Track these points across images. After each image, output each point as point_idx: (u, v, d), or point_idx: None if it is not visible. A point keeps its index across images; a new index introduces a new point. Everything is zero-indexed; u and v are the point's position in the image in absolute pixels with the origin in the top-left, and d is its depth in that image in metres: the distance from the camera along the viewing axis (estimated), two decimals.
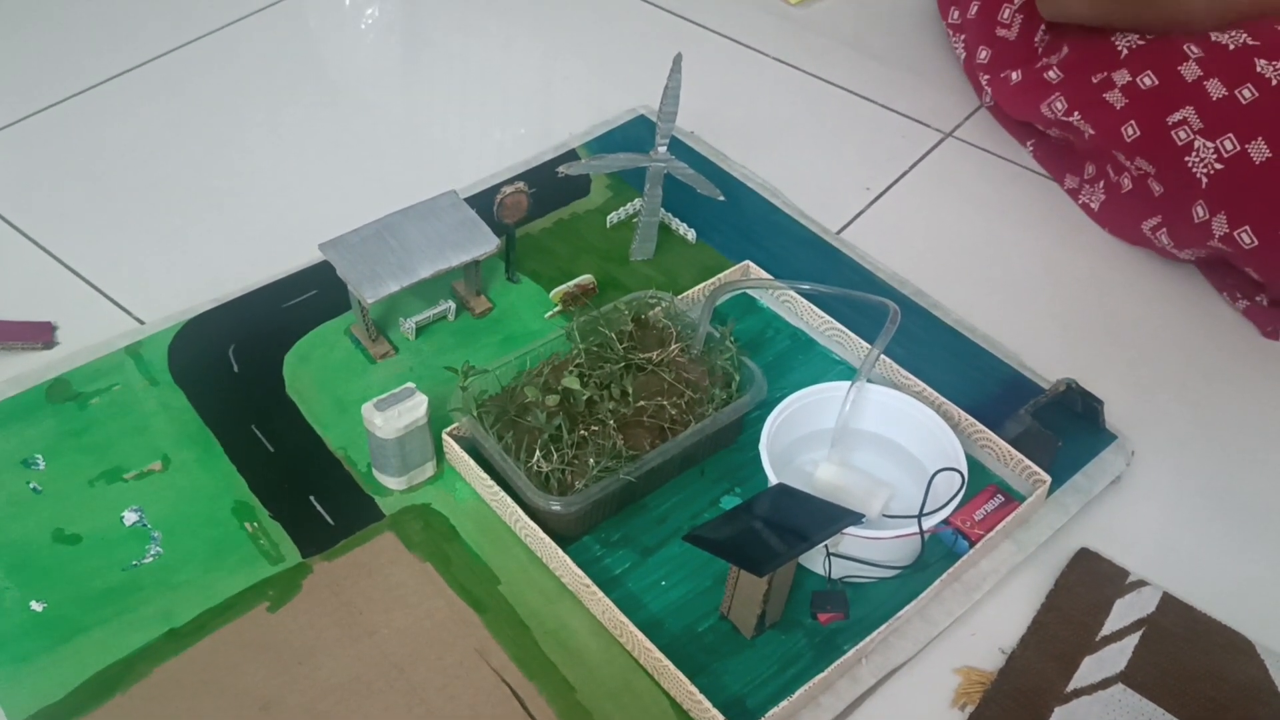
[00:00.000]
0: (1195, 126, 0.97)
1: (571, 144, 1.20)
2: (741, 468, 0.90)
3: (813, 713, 0.76)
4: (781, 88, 1.29)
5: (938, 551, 0.83)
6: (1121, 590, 0.83)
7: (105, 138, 1.21)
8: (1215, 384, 1.00)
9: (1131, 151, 1.03)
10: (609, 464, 0.82)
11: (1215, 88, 0.97)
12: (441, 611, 0.80)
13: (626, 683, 0.77)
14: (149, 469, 0.88)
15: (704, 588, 0.82)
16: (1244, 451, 0.94)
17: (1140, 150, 1.02)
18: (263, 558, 0.83)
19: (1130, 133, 1.02)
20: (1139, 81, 1.02)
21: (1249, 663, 0.79)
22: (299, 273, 1.04)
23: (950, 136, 1.25)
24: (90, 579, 0.81)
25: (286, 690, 0.76)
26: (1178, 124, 0.98)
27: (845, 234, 1.12)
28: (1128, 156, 1.04)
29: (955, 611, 0.82)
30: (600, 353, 0.90)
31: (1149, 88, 1.01)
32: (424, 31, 1.37)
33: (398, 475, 0.87)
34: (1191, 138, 0.97)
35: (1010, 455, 0.88)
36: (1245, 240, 0.95)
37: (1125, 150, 1.04)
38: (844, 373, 0.96)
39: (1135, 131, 1.02)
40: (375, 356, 0.97)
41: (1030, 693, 0.78)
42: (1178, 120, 0.98)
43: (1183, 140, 0.98)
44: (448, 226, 0.97)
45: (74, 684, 0.76)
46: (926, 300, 1.04)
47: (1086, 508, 0.89)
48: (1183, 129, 0.98)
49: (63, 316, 1.01)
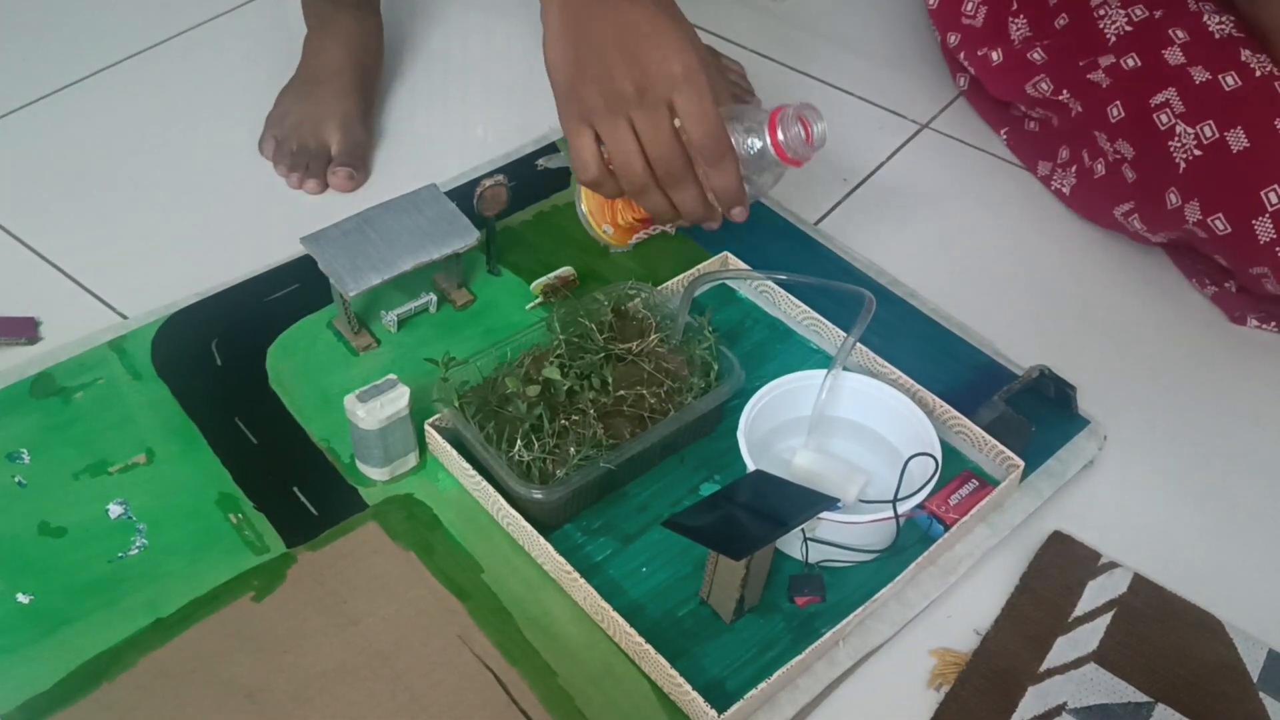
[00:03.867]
0: (1177, 110, 0.98)
1: (551, 137, 1.20)
2: (720, 455, 0.91)
3: (791, 694, 0.77)
4: (760, 81, 1.30)
5: (913, 535, 0.85)
6: (1093, 572, 0.85)
7: (87, 133, 1.21)
8: (1185, 369, 1.01)
9: (1115, 133, 1.04)
10: (589, 453, 0.83)
11: (1199, 73, 0.98)
12: (425, 599, 0.81)
13: (608, 667, 0.78)
14: (133, 462, 0.89)
15: (684, 573, 0.83)
16: (1213, 435, 0.96)
17: (1123, 132, 1.03)
18: (247, 548, 0.84)
19: (1115, 113, 1.03)
20: (1123, 63, 1.03)
21: (1218, 641, 0.81)
22: (281, 266, 1.05)
23: (926, 128, 1.26)
24: (76, 571, 0.82)
25: (272, 678, 0.77)
26: (1160, 106, 0.99)
27: (823, 225, 1.14)
28: (1110, 139, 1.05)
29: (931, 594, 0.83)
30: (580, 343, 0.91)
31: (1132, 69, 1.02)
32: (403, 25, 1.37)
33: (380, 466, 0.88)
34: (1173, 121, 0.98)
35: (985, 441, 0.90)
36: (1219, 226, 0.96)
37: (1109, 131, 1.05)
38: (821, 361, 0.97)
39: (1120, 112, 1.03)
40: (357, 349, 0.98)
41: (1004, 673, 0.79)
42: (1160, 102, 0.99)
43: (1164, 124, 0.99)
44: (428, 220, 0.98)
45: (61, 674, 0.76)
46: (903, 289, 1.05)
47: (1059, 492, 0.90)
48: (1164, 112, 0.99)
49: (46, 312, 1.01)
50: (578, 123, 0.78)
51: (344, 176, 1.13)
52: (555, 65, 0.77)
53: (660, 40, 0.75)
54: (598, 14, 0.75)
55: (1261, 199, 0.93)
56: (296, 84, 1.20)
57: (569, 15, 0.76)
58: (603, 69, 0.75)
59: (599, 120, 0.76)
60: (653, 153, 0.77)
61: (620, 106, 0.76)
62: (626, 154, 0.77)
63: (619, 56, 0.74)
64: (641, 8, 0.75)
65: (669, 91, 0.75)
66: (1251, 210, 0.94)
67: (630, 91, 0.75)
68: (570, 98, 0.77)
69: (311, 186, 1.14)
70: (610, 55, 0.74)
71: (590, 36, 0.75)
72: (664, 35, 0.75)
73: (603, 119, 0.76)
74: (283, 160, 1.15)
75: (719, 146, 0.76)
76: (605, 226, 0.84)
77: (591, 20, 0.75)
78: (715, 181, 0.78)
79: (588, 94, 0.75)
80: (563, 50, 0.76)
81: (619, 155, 0.78)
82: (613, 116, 0.76)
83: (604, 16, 0.75)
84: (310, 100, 1.17)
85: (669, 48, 0.75)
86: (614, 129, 0.77)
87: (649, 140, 0.76)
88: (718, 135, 0.76)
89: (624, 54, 0.74)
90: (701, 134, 0.76)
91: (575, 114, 0.77)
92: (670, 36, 0.75)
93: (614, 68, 0.74)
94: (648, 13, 0.75)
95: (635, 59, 0.74)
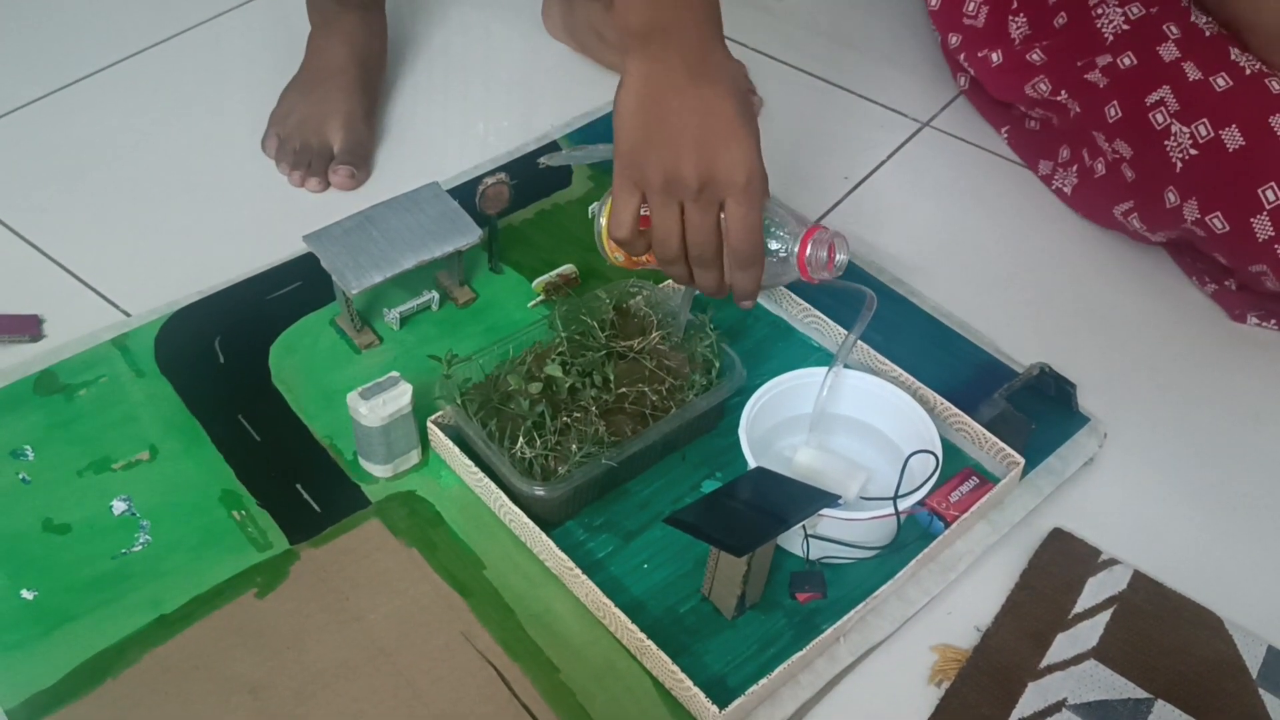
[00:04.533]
0: (1172, 109, 0.98)
1: (553, 135, 1.21)
2: (722, 453, 0.91)
3: (792, 690, 0.77)
4: (761, 79, 1.30)
5: (914, 532, 0.85)
6: (1093, 569, 0.85)
7: (90, 131, 1.21)
8: (1185, 367, 1.01)
9: (1113, 133, 1.04)
10: (591, 450, 0.84)
11: (1191, 70, 0.98)
12: (427, 596, 0.82)
13: (610, 663, 0.79)
14: (137, 459, 0.89)
15: (685, 570, 0.84)
16: (1213, 433, 0.96)
17: (1120, 132, 1.03)
18: (250, 545, 0.84)
19: (1113, 113, 1.04)
20: (1119, 62, 1.03)
21: (1217, 638, 0.81)
22: (283, 264, 1.05)
23: (927, 126, 1.26)
24: (80, 567, 0.82)
25: (275, 675, 0.77)
26: (1156, 105, 0.99)
27: (824, 223, 1.14)
28: (1108, 139, 1.05)
29: (932, 591, 0.83)
30: (582, 341, 0.91)
31: (1128, 67, 1.03)
32: (405, 23, 1.37)
33: (383, 463, 0.88)
34: (1169, 121, 0.98)
35: (985, 438, 0.90)
36: (1217, 225, 0.97)
37: (1106, 131, 1.05)
38: (822, 359, 0.97)
39: (1118, 112, 1.03)
40: (360, 346, 0.99)
41: (1005, 669, 0.79)
42: (1155, 101, 0.99)
43: (1160, 124, 0.99)
44: (430, 218, 0.98)
45: (65, 670, 0.77)
46: (904, 288, 1.06)
47: (1060, 489, 0.90)
48: (1160, 111, 0.99)
49: (49, 310, 1.01)
50: (631, 185, 0.80)
51: (345, 175, 1.14)
52: (625, 124, 0.78)
53: (734, 144, 0.76)
54: (682, 92, 0.76)
55: (1259, 197, 0.94)
56: (299, 82, 1.20)
57: (653, 84, 0.77)
58: (672, 151, 0.77)
59: (653, 194, 0.79)
60: (692, 239, 0.80)
61: (677, 191, 0.78)
62: (669, 233, 0.80)
63: (691, 146, 0.76)
64: (723, 102, 0.77)
65: (726, 194, 0.78)
66: (1249, 208, 0.94)
67: (692, 183, 0.77)
68: (631, 162, 0.79)
69: (313, 185, 1.14)
70: (683, 140, 0.76)
71: (668, 113, 0.76)
72: (738, 141, 0.77)
73: (656, 195, 0.79)
74: (285, 158, 1.16)
75: (753, 255, 0.79)
76: (617, 255, 0.86)
77: (674, 96, 0.76)
78: (738, 280, 0.81)
79: (650, 167, 0.77)
80: (637, 113, 0.78)
81: (661, 231, 0.80)
82: (667, 197, 0.78)
83: (686, 97, 0.76)
84: (313, 98, 1.17)
85: (740, 155, 0.77)
86: (664, 208, 0.79)
87: (693, 228, 0.79)
88: (755, 246, 0.79)
89: (697, 146, 0.76)
90: (741, 242, 0.79)
91: (631, 178, 0.79)
92: (744, 144, 0.77)
93: (683, 154, 0.76)
94: (728, 111, 0.77)
95: (706, 155, 0.76)
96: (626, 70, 0.78)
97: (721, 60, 0.78)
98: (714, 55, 0.77)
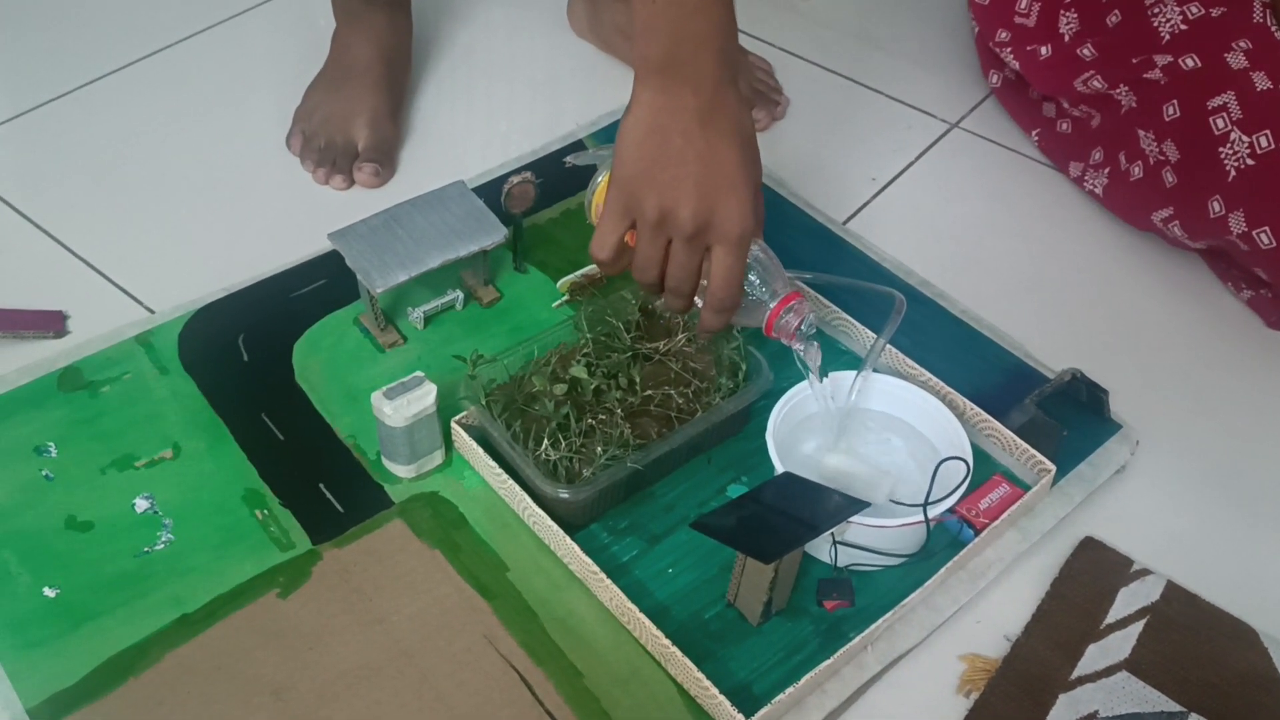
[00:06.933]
0: (1235, 115, 0.95)
1: (579, 134, 1.20)
2: (748, 456, 0.90)
3: (818, 699, 0.76)
4: (788, 79, 1.29)
5: (943, 540, 0.84)
6: (1125, 579, 0.84)
7: (114, 127, 1.21)
8: (1219, 374, 1.00)
9: (1165, 133, 1.01)
10: (616, 452, 0.83)
11: (1261, 80, 0.95)
12: (450, 598, 0.81)
13: (634, 669, 0.78)
14: (160, 457, 0.89)
15: (710, 575, 0.83)
16: (1248, 441, 0.95)
17: (1174, 133, 1.01)
18: (273, 545, 0.84)
19: (1170, 112, 1.01)
20: (1181, 63, 1.01)
21: (1252, 651, 0.80)
22: (308, 262, 1.05)
23: (956, 127, 1.25)
24: (102, 565, 0.82)
25: (297, 676, 0.77)
26: (1218, 109, 0.97)
27: (851, 224, 1.13)
28: (1158, 139, 1.02)
29: (960, 599, 0.82)
30: (607, 342, 0.90)
31: (1191, 69, 1.00)
32: (430, 22, 1.37)
33: (407, 463, 0.87)
34: (1229, 127, 0.96)
35: (1015, 445, 0.89)
36: (1264, 240, 0.94)
37: (1159, 131, 1.02)
38: (850, 362, 0.96)
39: (1176, 111, 1.00)
40: (384, 345, 0.98)
41: (1035, 680, 0.78)
42: (1218, 105, 0.97)
43: (1219, 129, 0.96)
44: (456, 216, 0.98)
45: (87, 669, 0.76)
46: (932, 290, 1.05)
47: (1091, 497, 0.89)
48: (1222, 115, 0.96)
49: (73, 306, 1.01)
50: (622, 211, 0.79)
51: (370, 172, 1.13)
52: (628, 153, 0.78)
53: (733, 197, 0.76)
54: (689, 135, 0.76)
55: None
56: (325, 79, 1.20)
57: (662, 119, 0.76)
58: (672, 192, 0.76)
59: (644, 225, 0.79)
60: (673, 273, 0.80)
61: (670, 229, 0.78)
62: (651, 263, 0.80)
63: (692, 190, 0.76)
64: (729, 151, 0.76)
65: (717, 242, 0.78)
66: None
67: (687, 226, 0.77)
68: (629, 190, 0.78)
69: (338, 182, 1.14)
70: (684, 183, 0.76)
71: (673, 152, 0.76)
72: (738, 193, 0.77)
73: (646, 228, 0.78)
74: (310, 156, 1.15)
75: (729, 303, 0.81)
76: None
77: (681, 137, 0.76)
78: (707, 318, 0.82)
79: (646, 201, 0.77)
80: (643, 144, 0.77)
81: (643, 259, 0.80)
82: (657, 232, 0.78)
83: (693, 140, 0.76)
84: (338, 96, 1.17)
85: (737, 207, 0.77)
86: (652, 241, 0.79)
87: (676, 265, 0.80)
88: (734, 296, 0.80)
89: (698, 191, 0.76)
90: (721, 289, 0.80)
91: (623, 205, 0.79)
92: (743, 196, 0.77)
93: (682, 196, 0.76)
94: (731, 161, 0.76)
95: (705, 203, 0.76)
96: (636, 97, 0.77)
97: (732, 103, 0.77)
98: (726, 98, 0.77)
